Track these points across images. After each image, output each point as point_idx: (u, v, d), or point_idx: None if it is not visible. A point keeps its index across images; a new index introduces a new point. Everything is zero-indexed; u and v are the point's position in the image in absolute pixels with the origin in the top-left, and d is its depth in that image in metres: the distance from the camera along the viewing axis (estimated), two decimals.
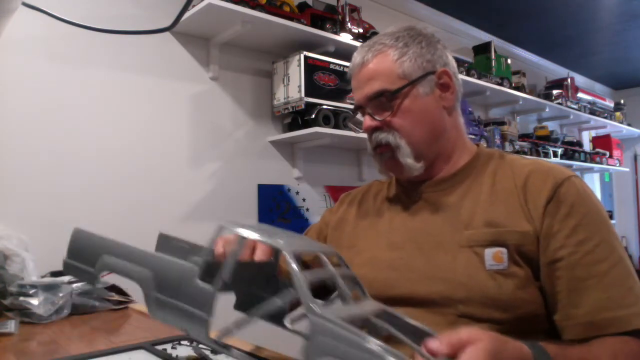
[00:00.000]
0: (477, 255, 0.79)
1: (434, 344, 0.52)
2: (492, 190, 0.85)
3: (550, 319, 0.78)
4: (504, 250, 0.78)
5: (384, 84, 0.88)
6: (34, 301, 1.08)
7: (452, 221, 0.85)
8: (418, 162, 0.88)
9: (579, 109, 3.92)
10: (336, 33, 2.15)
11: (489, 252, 0.78)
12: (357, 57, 0.93)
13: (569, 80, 3.86)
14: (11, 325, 1.00)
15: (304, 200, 2.28)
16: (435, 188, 0.91)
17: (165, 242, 0.72)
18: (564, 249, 0.76)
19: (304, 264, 0.98)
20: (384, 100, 0.88)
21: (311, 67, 2.00)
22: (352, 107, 2.12)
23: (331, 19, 2.15)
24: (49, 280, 1.19)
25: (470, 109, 2.83)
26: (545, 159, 3.41)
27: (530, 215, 0.79)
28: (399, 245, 0.89)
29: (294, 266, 0.48)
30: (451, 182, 0.90)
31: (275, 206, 2.16)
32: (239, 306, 0.68)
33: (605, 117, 4.26)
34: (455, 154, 0.92)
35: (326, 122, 2.01)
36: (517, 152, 3.18)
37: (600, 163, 4.11)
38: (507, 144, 3.12)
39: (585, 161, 3.91)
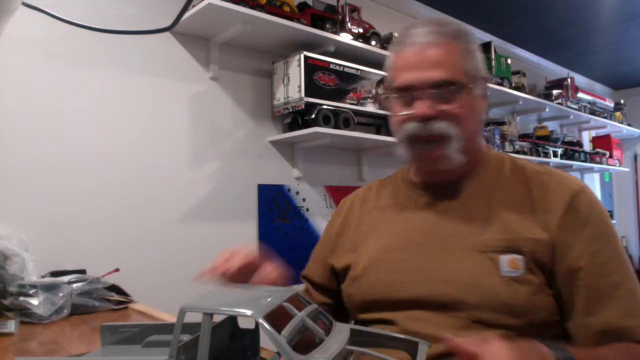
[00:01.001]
0: (492, 260, 0.79)
1: (456, 340, 0.57)
2: (505, 196, 0.86)
3: (562, 325, 0.79)
4: (520, 257, 0.78)
5: (451, 75, 0.84)
6: (34, 301, 1.08)
7: (464, 225, 0.84)
8: (462, 157, 0.86)
9: (579, 109, 3.92)
10: (336, 33, 2.15)
11: (504, 259, 0.78)
12: (418, 36, 0.85)
13: (569, 80, 3.86)
14: (11, 325, 1.00)
15: (304, 200, 2.28)
16: (447, 190, 0.89)
17: (110, 334, 0.69)
18: (582, 260, 0.77)
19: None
20: (449, 90, 0.84)
21: (311, 67, 2.00)
22: (350, 102, 2.12)
23: (331, 19, 2.15)
24: (49, 280, 1.19)
25: None
26: (545, 159, 3.42)
27: (546, 224, 0.80)
28: (406, 247, 0.88)
29: (273, 331, 0.48)
30: (464, 185, 0.89)
31: (275, 206, 2.16)
32: None
33: (605, 117, 4.26)
34: (476, 157, 0.92)
35: (326, 122, 2.01)
36: (517, 152, 3.18)
37: (600, 163, 4.11)
38: (507, 144, 3.12)
39: (585, 161, 3.91)
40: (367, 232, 0.96)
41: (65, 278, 1.20)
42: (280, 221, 2.17)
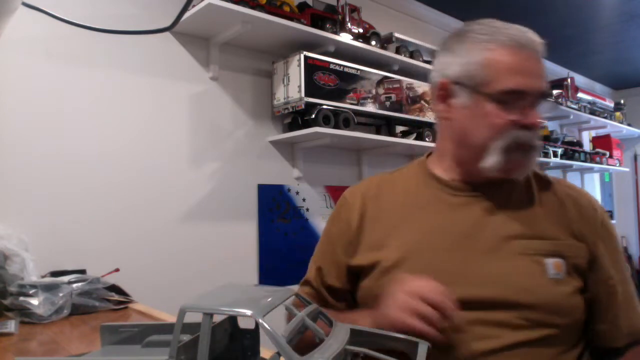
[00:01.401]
0: (538, 263, 0.82)
1: None
2: (541, 203, 0.89)
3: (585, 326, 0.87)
4: (562, 261, 0.83)
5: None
6: (34, 301, 1.08)
7: (507, 228, 0.85)
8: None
9: (579, 109, 3.92)
10: (336, 33, 2.15)
11: (549, 262, 0.82)
12: (533, 41, 0.85)
13: (569, 80, 3.86)
14: (11, 325, 1.00)
15: (304, 200, 2.28)
16: (486, 192, 0.89)
17: (110, 334, 0.69)
18: (612, 269, 0.87)
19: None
20: (543, 102, 0.85)
21: (311, 67, 2.00)
22: (350, 102, 2.12)
23: (331, 19, 2.15)
24: (49, 280, 1.19)
25: None
26: (545, 159, 3.42)
27: (582, 235, 0.86)
28: (444, 247, 0.85)
29: (273, 331, 0.48)
30: (502, 188, 0.90)
31: (275, 206, 2.16)
32: None
33: (605, 117, 4.26)
34: None
35: (326, 122, 2.01)
36: None
37: (600, 163, 4.11)
38: None
39: (585, 161, 3.91)
40: (390, 230, 0.90)
41: (65, 278, 1.20)
42: (280, 221, 2.17)
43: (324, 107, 2.01)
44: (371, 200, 0.96)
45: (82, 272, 1.39)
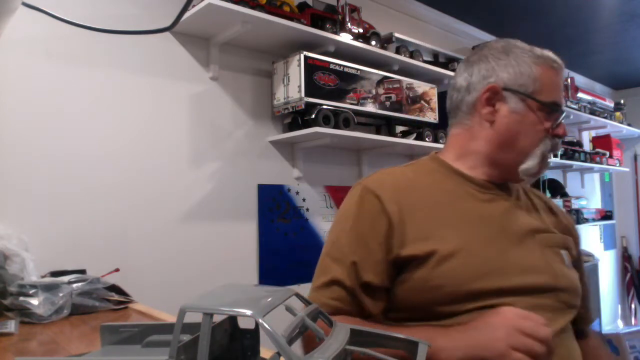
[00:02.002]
0: (558, 254, 0.95)
1: None
2: (536, 201, 1.04)
3: None
4: (568, 252, 0.97)
5: None
6: (34, 301, 1.08)
7: (528, 223, 0.95)
8: None
9: (579, 109, 3.91)
10: (336, 33, 2.15)
11: (563, 253, 0.96)
12: (562, 64, 0.98)
13: (569, 80, 3.86)
14: (11, 325, 1.00)
15: (304, 200, 2.28)
16: (504, 191, 0.99)
17: (110, 334, 0.69)
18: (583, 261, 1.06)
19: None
20: (563, 116, 0.99)
21: (311, 67, 2.00)
22: (350, 102, 2.13)
23: (331, 19, 2.15)
24: (49, 280, 1.19)
25: None
26: None
27: (569, 231, 1.02)
28: (488, 239, 0.89)
29: (273, 331, 0.48)
30: (512, 188, 1.01)
31: (275, 206, 2.16)
32: None
33: (605, 117, 4.26)
34: None
35: (326, 122, 2.01)
36: None
37: (600, 163, 4.11)
38: None
39: (585, 161, 3.91)
40: (433, 221, 0.89)
41: (65, 278, 1.20)
42: (280, 221, 2.17)
43: (324, 107, 2.01)
44: (403, 192, 0.92)
45: (82, 272, 1.39)
